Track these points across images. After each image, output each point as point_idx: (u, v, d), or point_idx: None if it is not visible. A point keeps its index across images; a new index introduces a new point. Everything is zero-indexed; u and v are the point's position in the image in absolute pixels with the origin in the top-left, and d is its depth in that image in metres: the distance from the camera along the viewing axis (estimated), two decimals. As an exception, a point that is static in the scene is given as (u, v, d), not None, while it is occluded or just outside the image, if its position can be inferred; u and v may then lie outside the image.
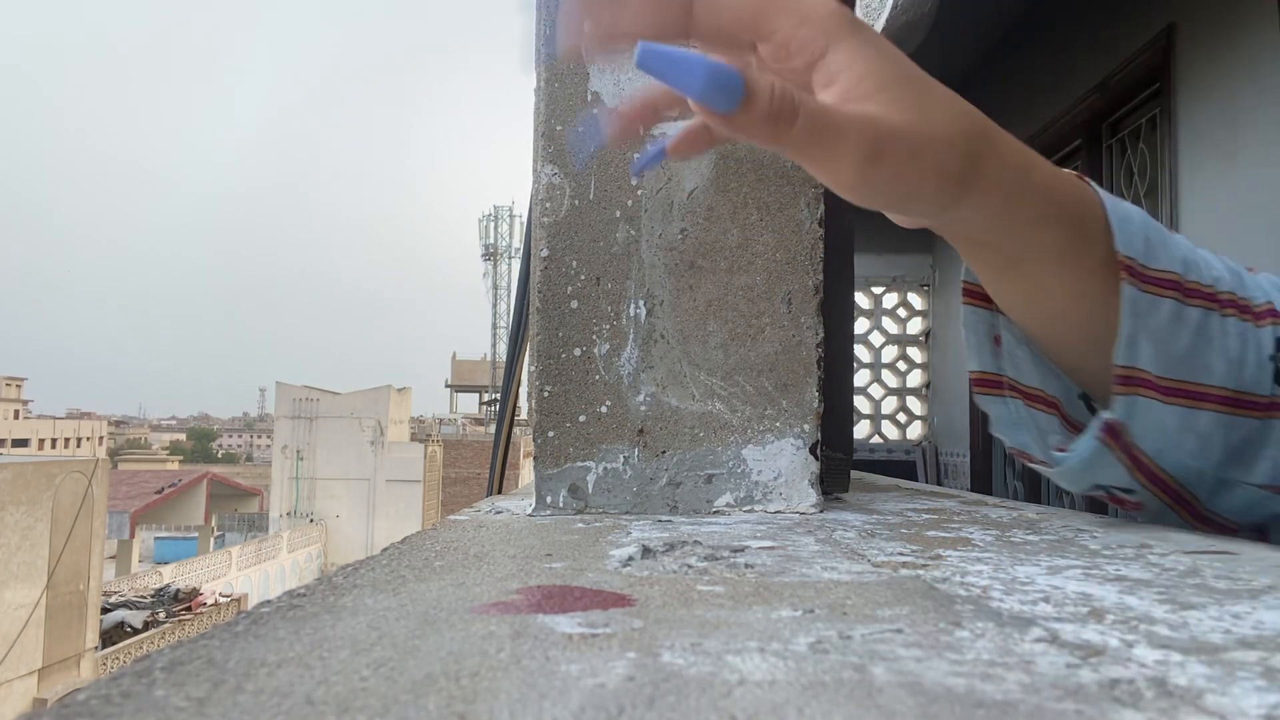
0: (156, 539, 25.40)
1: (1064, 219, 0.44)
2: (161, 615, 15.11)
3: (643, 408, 0.58)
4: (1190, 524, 0.50)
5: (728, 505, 0.58)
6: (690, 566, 0.37)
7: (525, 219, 1.17)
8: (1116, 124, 2.77)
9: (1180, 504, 0.49)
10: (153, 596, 15.98)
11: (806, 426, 0.59)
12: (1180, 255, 0.46)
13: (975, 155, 0.40)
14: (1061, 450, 0.49)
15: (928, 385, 4.21)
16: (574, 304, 0.59)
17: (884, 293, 4.23)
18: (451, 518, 0.56)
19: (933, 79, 0.40)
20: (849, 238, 0.75)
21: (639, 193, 0.60)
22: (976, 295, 0.52)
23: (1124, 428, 0.45)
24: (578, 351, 0.58)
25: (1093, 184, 0.46)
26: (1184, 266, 0.46)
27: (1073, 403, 0.51)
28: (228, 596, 17.59)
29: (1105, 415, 0.46)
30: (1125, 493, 0.48)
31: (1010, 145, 0.42)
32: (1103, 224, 0.44)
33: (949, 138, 0.39)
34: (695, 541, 0.44)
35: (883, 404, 4.29)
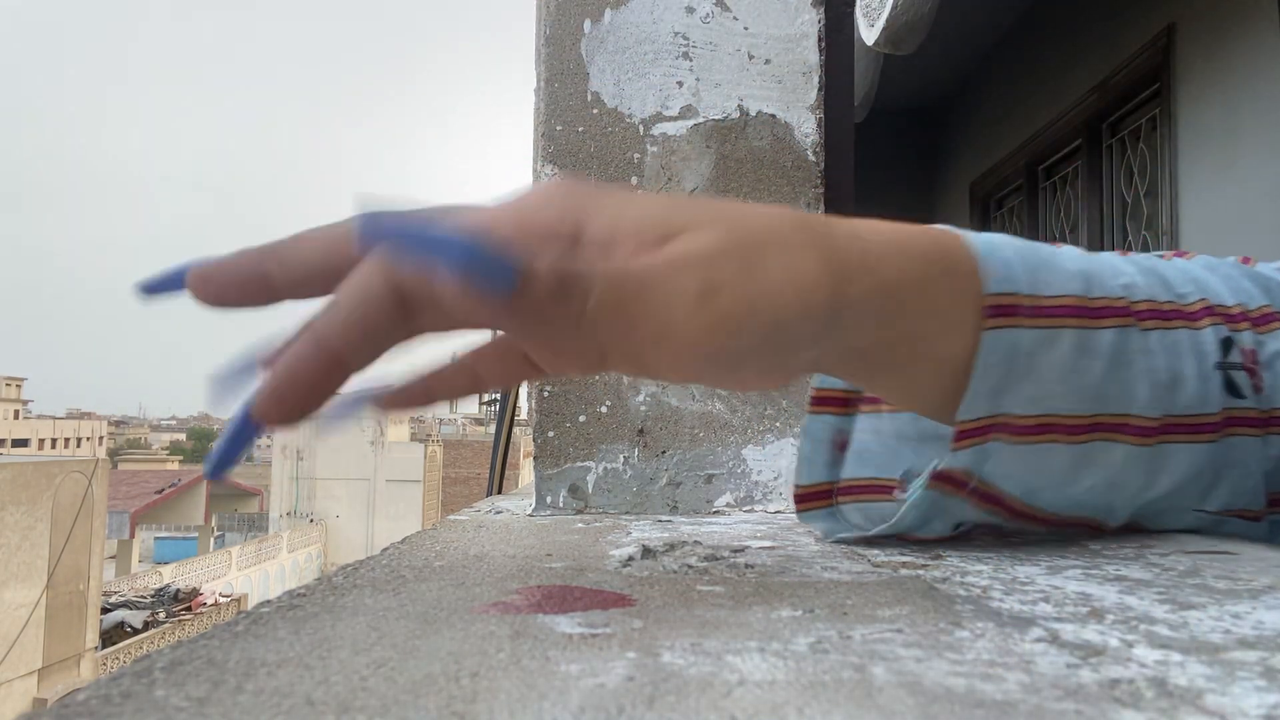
0: (156, 539, 25.40)
1: (947, 262, 0.36)
2: (161, 615, 15.11)
3: (643, 407, 0.58)
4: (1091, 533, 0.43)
5: (728, 505, 0.58)
6: (690, 566, 0.37)
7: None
8: (1116, 124, 2.77)
9: (1076, 525, 0.42)
10: (153, 596, 15.98)
11: (806, 426, 0.59)
12: (1077, 269, 0.38)
13: (819, 244, 0.32)
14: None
15: (928, 385, 4.21)
16: (574, 304, 0.59)
17: (884, 293, 4.22)
18: (451, 518, 0.56)
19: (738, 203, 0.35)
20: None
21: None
22: (831, 401, 0.46)
23: (966, 474, 0.38)
24: (578, 351, 0.58)
25: (948, 228, 0.38)
26: (1085, 282, 0.37)
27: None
28: (228, 596, 17.60)
29: (934, 466, 0.38)
30: (983, 523, 0.42)
31: (840, 221, 0.34)
32: (971, 265, 0.36)
33: (781, 233, 0.31)
34: (695, 541, 0.44)
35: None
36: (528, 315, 0.30)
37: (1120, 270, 0.39)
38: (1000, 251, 0.37)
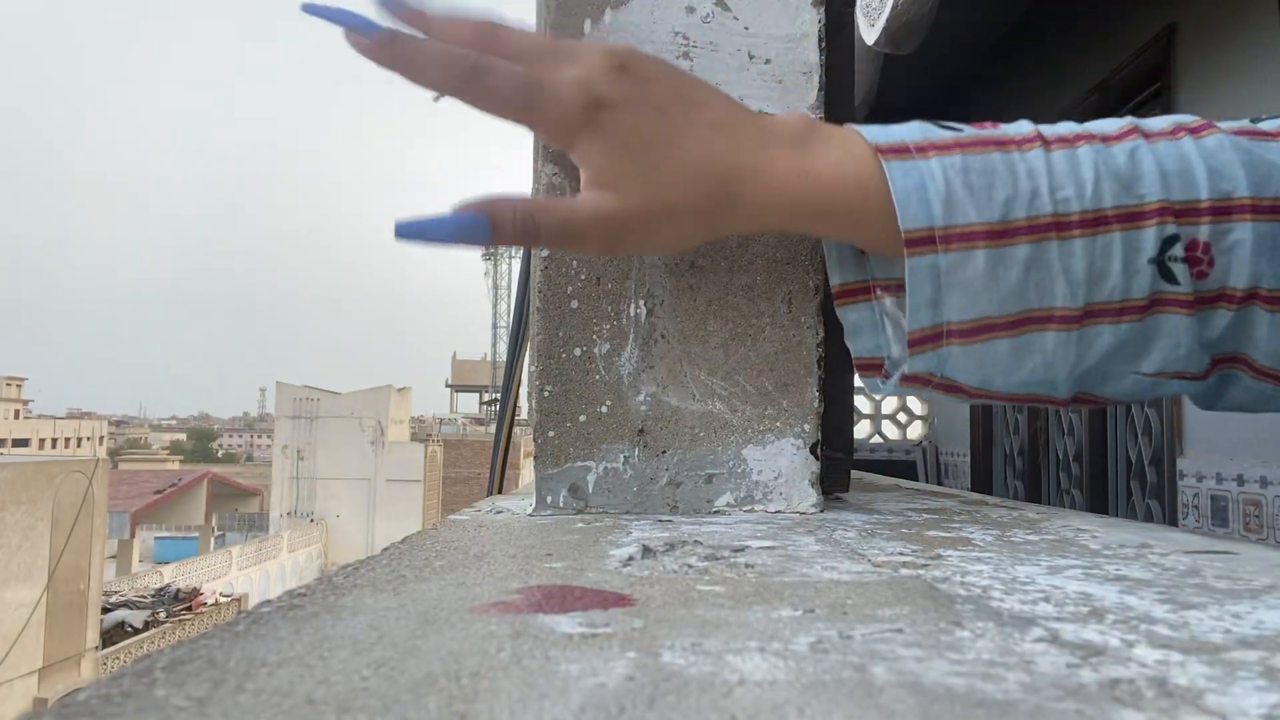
0: (157, 539, 25.40)
1: (845, 213, 0.46)
2: (162, 615, 15.10)
3: (643, 407, 0.58)
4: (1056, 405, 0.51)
5: (728, 505, 0.58)
6: (690, 566, 0.37)
7: (525, 219, 1.17)
8: (1117, 124, 2.77)
9: (1032, 401, 0.50)
10: (153, 596, 15.97)
11: (807, 426, 0.58)
12: (1006, 196, 0.45)
13: (716, 211, 0.44)
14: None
15: (928, 385, 4.21)
16: (574, 304, 0.59)
17: (884, 293, 4.22)
18: (452, 517, 0.56)
19: (684, 130, 0.43)
20: (849, 237, 0.75)
21: (639, 192, 0.60)
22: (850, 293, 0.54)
23: (930, 375, 0.47)
24: (578, 351, 0.58)
25: (889, 161, 0.45)
26: (1006, 209, 0.45)
27: None
28: (228, 596, 17.59)
29: (902, 370, 0.48)
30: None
31: (767, 176, 0.44)
32: (889, 206, 0.45)
33: (683, 207, 0.44)
34: (695, 541, 0.44)
35: (883, 404, 4.29)
36: (504, 244, 0.45)
37: (1064, 183, 0.46)
38: (921, 190, 0.44)
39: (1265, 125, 0.50)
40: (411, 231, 0.41)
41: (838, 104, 0.65)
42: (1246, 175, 0.47)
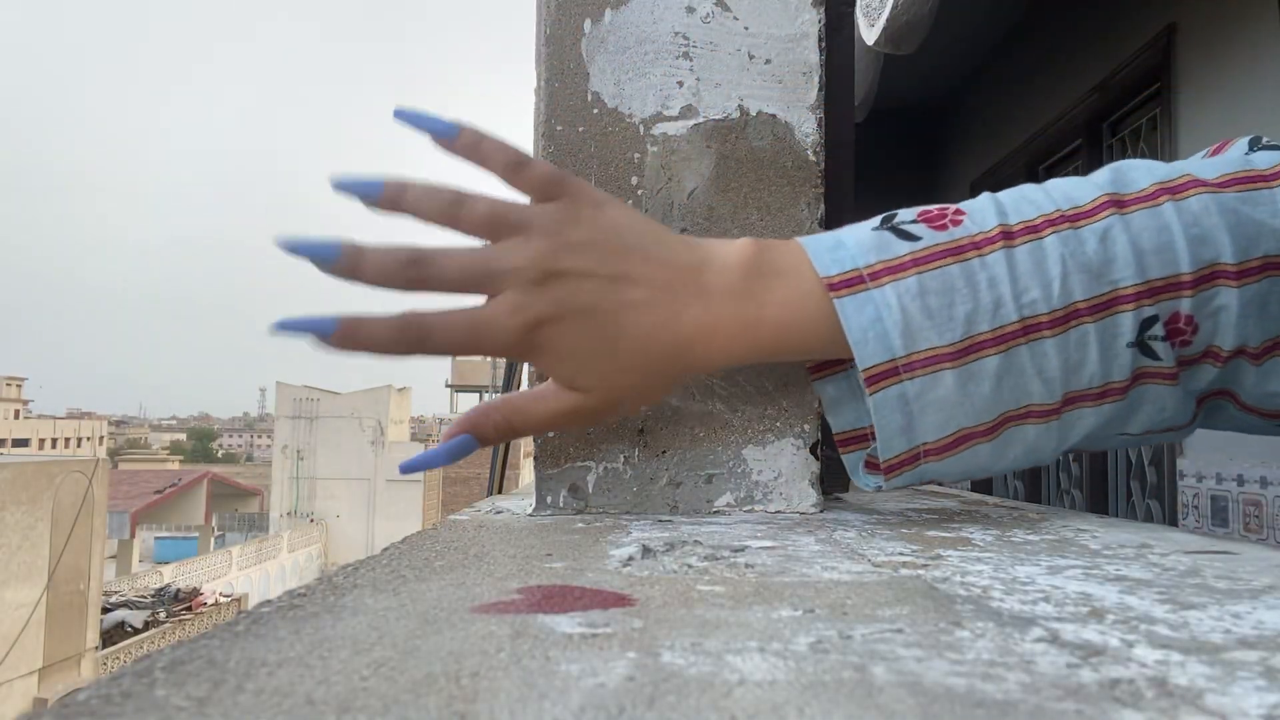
0: (157, 539, 25.41)
1: (800, 351, 0.47)
2: (162, 615, 15.10)
3: (643, 407, 0.58)
4: None
5: (728, 505, 0.58)
6: (690, 566, 0.37)
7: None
8: (1116, 124, 2.77)
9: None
10: (153, 596, 15.97)
11: (807, 426, 0.58)
12: (967, 313, 0.44)
13: (671, 376, 0.46)
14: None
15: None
16: (574, 304, 0.59)
17: (884, 293, 4.22)
18: (452, 517, 0.56)
19: (622, 323, 0.44)
20: (849, 237, 0.75)
21: (639, 193, 0.60)
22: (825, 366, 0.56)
23: (908, 486, 0.49)
24: (578, 351, 0.58)
25: (841, 299, 0.44)
26: (968, 325, 0.44)
27: None
28: (228, 596, 17.59)
29: (880, 484, 0.49)
30: None
31: (713, 338, 0.45)
32: (847, 349, 0.45)
33: (640, 387, 0.46)
34: (695, 541, 0.44)
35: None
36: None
37: (1029, 286, 0.45)
38: (881, 323, 0.44)
39: (1259, 161, 0.48)
40: (414, 467, 0.47)
41: (838, 104, 0.65)
42: (1231, 240, 0.45)
